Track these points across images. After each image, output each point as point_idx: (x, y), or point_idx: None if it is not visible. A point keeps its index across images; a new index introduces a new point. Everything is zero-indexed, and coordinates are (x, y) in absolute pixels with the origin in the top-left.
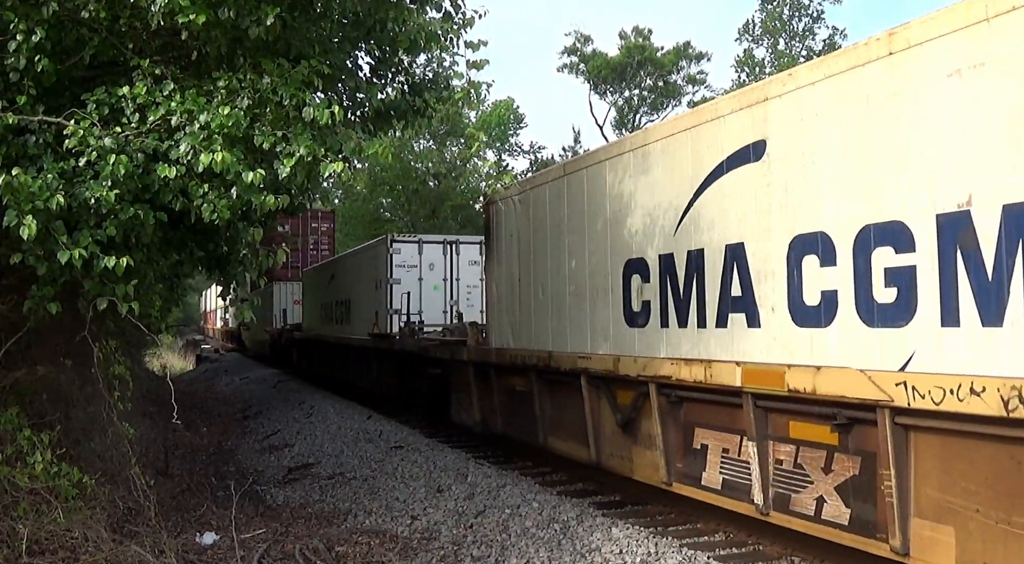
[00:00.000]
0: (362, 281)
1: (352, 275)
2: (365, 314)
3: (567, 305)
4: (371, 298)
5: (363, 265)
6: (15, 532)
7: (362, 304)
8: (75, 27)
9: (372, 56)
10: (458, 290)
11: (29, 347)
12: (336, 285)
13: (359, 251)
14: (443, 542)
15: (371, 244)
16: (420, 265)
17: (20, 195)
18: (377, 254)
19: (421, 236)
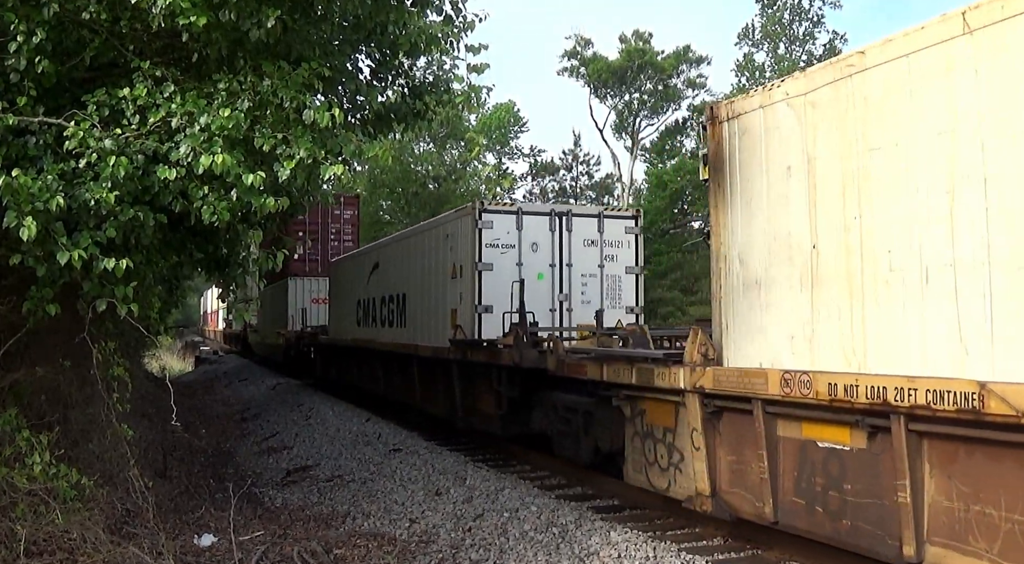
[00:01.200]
0: (428, 269)
1: (410, 262)
2: (432, 313)
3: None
4: (443, 291)
5: (430, 247)
6: (13, 533)
7: (427, 300)
8: (76, 28)
9: (372, 59)
10: (570, 280)
11: (28, 348)
12: (382, 277)
13: (422, 229)
14: (441, 545)
15: (444, 217)
16: (519, 244)
17: (20, 196)
18: (456, 231)
19: (520, 204)
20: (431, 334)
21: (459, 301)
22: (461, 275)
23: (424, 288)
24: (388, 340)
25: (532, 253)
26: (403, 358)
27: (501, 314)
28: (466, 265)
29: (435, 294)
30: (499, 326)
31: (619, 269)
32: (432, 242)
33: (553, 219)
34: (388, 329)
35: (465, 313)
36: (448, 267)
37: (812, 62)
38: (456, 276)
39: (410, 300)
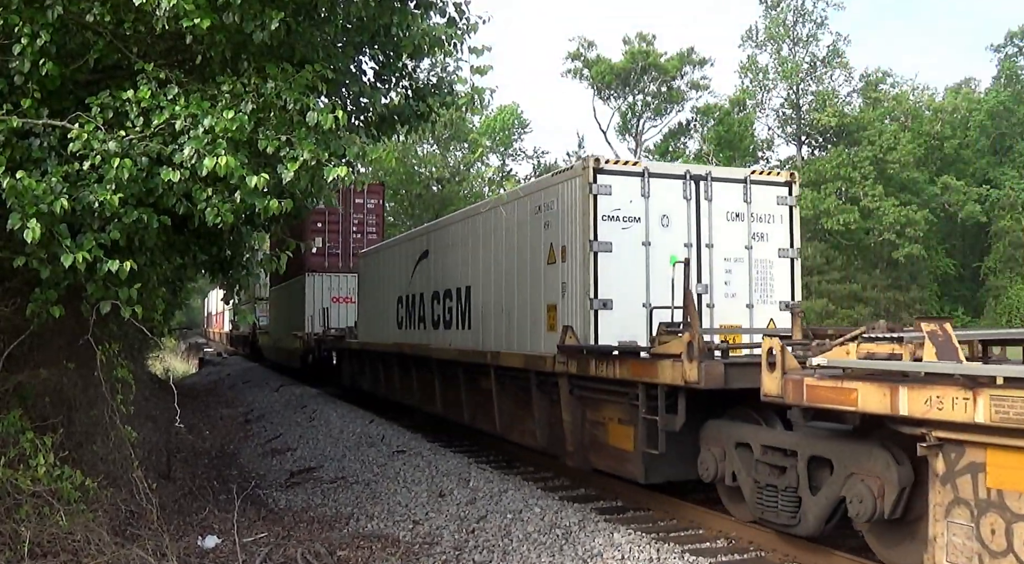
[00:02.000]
0: (508, 254)
1: (477, 247)
2: (518, 311)
3: None
4: (535, 282)
5: (510, 226)
6: (17, 535)
7: (507, 294)
8: (80, 31)
9: (376, 61)
10: (710, 266)
11: (32, 350)
12: (434, 268)
13: (497, 203)
14: (445, 547)
15: (535, 184)
16: (646, 217)
17: (24, 198)
18: (556, 200)
19: (647, 164)
20: (516, 338)
21: (560, 294)
22: (564, 259)
23: (501, 279)
24: (444, 345)
25: (662, 229)
26: (472, 369)
27: (624, 311)
28: (573, 245)
29: (521, 286)
30: (623, 328)
31: (770, 252)
32: (514, 219)
33: (688, 184)
34: (444, 332)
35: (572, 310)
36: (543, 249)
37: (815, 63)
38: (556, 261)
39: (478, 295)
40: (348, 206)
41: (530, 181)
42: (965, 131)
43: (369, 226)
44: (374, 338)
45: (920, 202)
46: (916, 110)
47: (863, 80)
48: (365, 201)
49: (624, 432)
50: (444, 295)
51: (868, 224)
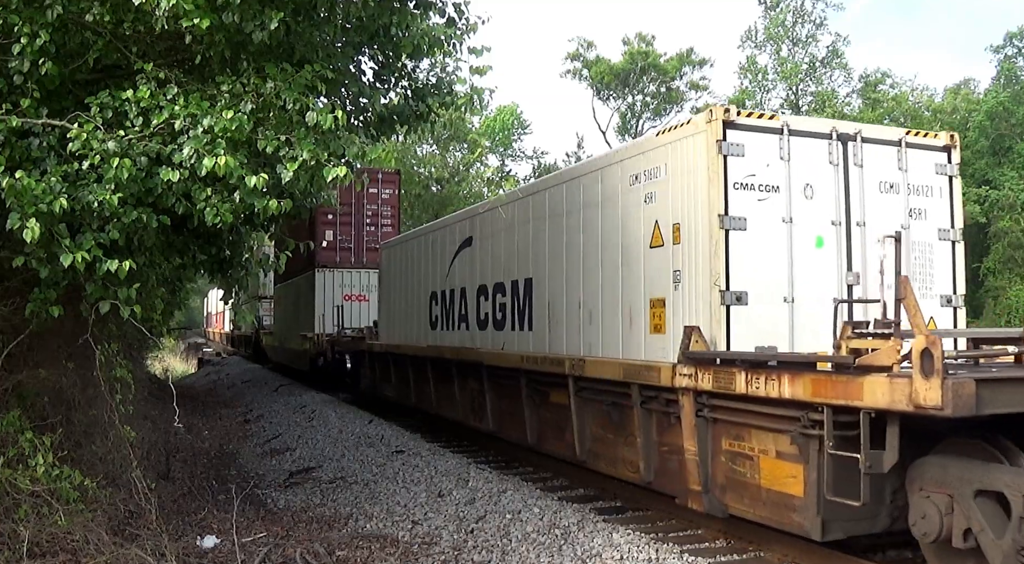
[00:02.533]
0: (589, 236)
1: (542, 229)
2: (604, 307)
3: None
4: (631, 271)
5: (591, 201)
6: (16, 534)
7: (585, 287)
8: (79, 30)
9: (375, 61)
10: (863, 249)
11: (31, 350)
12: (480, 257)
13: (571, 175)
14: (444, 547)
15: (633, 146)
16: (788, 186)
17: (23, 198)
18: (664, 165)
19: (786, 118)
20: (601, 342)
21: (672, 285)
22: (678, 240)
23: (578, 268)
24: (496, 349)
25: (805, 201)
26: (540, 380)
27: (761, 307)
28: (692, 222)
29: (609, 276)
30: (759, 329)
31: (929, 232)
32: (597, 193)
33: (835, 146)
34: (495, 333)
35: (690, 306)
36: (643, 229)
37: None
38: (665, 243)
39: (542, 288)
40: (361, 196)
41: (625, 144)
42: (964, 132)
43: (384, 218)
44: (402, 340)
45: None
46: (915, 111)
47: (862, 81)
48: (380, 191)
49: (787, 471)
50: (494, 290)
51: None
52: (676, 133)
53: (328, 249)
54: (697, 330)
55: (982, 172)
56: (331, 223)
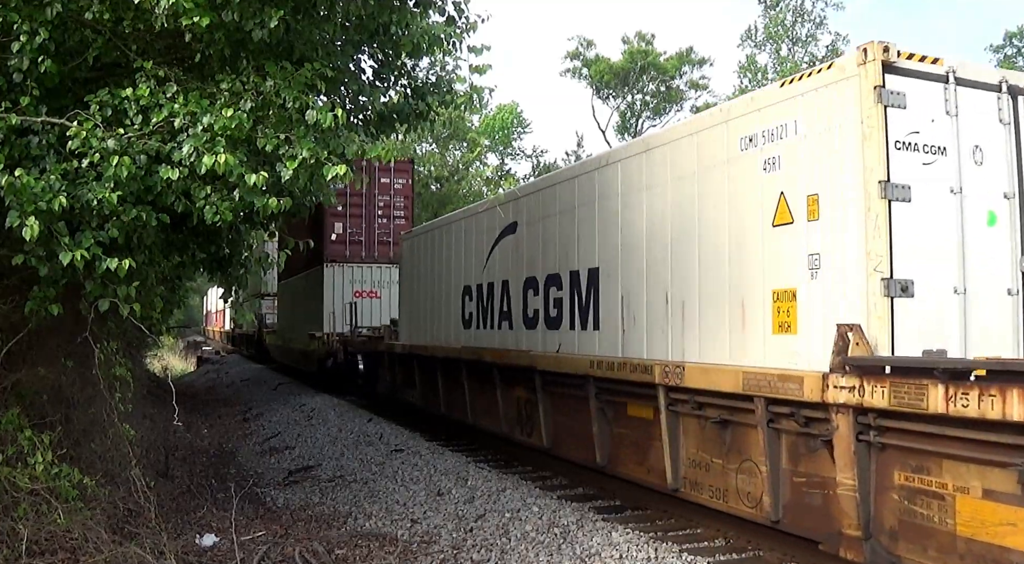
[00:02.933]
0: (677, 215)
1: (607, 210)
2: (700, 300)
3: None
4: (741, 256)
5: (693, 167)
6: (15, 533)
7: (676, 276)
8: (79, 28)
9: (375, 59)
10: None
11: (30, 348)
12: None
13: (655, 144)
14: (443, 546)
15: (749, 102)
16: (956, 146)
17: (23, 196)
18: (791, 120)
19: (951, 61)
20: (699, 343)
21: (808, 273)
22: (816, 215)
23: (664, 255)
24: (552, 352)
25: (975, 168)
26: (613, 390)
27: (930, 299)
28: (836, 192)
29: (709, 263)
30: (926, 327)
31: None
32: (690, 162)
33: (1005, 101)
34: (551, 333)
35: (839, 298)
36: (762, 204)
37: (814, 63)
38: (795, 220)
39: (613, 280)
40: (372, 187)
41: (725, 103)
42: None
43: (397, 209)
44: (428, 339)
45: None
46: None
47: None
48: (392, 180)
49: (1002, 516)
50: (547, 283)
51: None
52: (812, 81)
53: (337, 242)
54: (857, 329)
55: None
56: (340, 215)
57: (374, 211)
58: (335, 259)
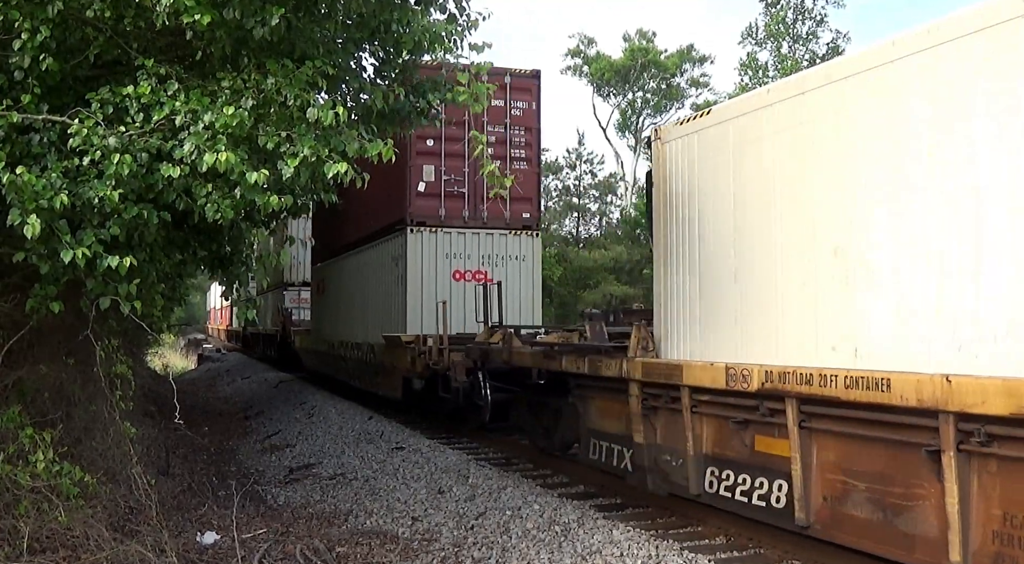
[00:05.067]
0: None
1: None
2: None
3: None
4: None
5: None
6: (16, 530)
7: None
8: (80, 26)
9: (376, 57)
10: None
11: (31, 346)
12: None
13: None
14: (444, 544)
15: None
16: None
17: (24, 194)
18: None
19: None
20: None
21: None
22: None
23: None
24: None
25: None
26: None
27: None
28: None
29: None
30: None
31: None
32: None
33: None
34: None
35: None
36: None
37: (815, 61)
38: None
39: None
40: (480, 116)
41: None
42: None
43: (517, 146)
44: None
45: None
46: None
47: None
48: (509, 104)
49: None
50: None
51: None
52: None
53: (427, 195)
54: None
55: None
56: (432, 154)
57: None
58: (424, 221)
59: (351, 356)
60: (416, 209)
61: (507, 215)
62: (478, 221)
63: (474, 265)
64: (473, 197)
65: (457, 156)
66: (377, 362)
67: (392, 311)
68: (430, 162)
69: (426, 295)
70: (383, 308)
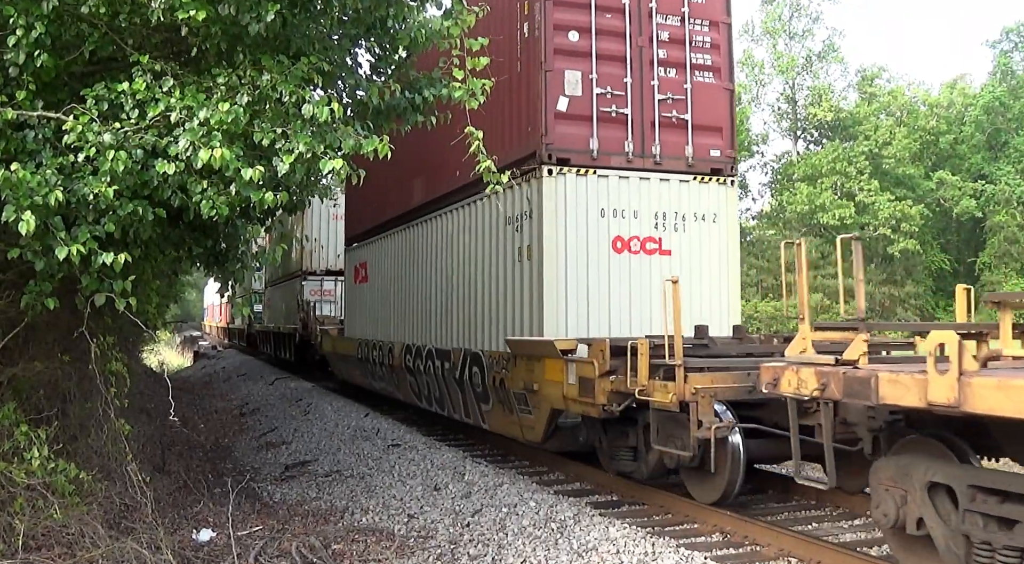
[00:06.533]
0: None
1: None
2: None
3: None
4: None
5: None
6: (12, 528)
7: None
8: (75, 22)
9: (372, 53)
10: None
11: (26, 342)
12: None
13: None
14: (440, 541)
15: None
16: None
17: (19, 190)
18: None
19: None
20: None
21: None
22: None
23: None
24: None
25: None
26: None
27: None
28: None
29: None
30: None
31: None
32: None
33: None
34: None
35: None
36: None
37: (811, 58)
38: None
39: None
40: (647, 5)
41: None
42: (960, 126)
43: (699, 49)
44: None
45: (915, 197)
46: (912, 105)
47: (859, 75)
48: (689, 24)
49: None
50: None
51: (863, 219)
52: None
53: (571, 118)
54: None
55: (978, 167)
56: (577, 55)
57: (652, 53)
58: (567, 157)
59: (427, 369)
60: (556, 138)
61: (689, 152)
62: (648, 159)
63: (645, 229)
64: (639, 122)
65: (614, 58)
66: (487, 382)
67: (511, 303)
68: (575, 65)
69: (572, 277)
70: (490, 300)
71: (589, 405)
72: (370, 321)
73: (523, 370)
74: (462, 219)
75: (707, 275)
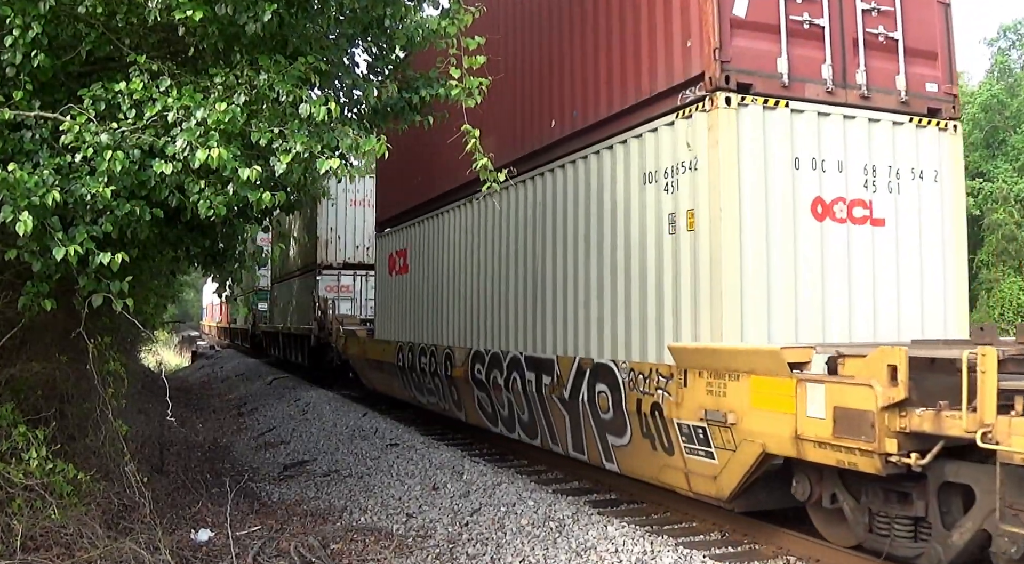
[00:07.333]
0: None
1: None
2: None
3: None
4: None
5: None
6: (10, 528)
7: None
8: (72, 22)
9: (369, 53)
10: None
11: (24, 343)
12: None
13: None
14: (438, 540)
15: None
16: None
17: (16, 191)
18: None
19: None
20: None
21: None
22: None
23: None
24: None
25: None
26: None
27: None
28: None
29: None
30: None
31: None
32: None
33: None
34: None
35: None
36: None
37: None
38: None
39: None
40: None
41: None
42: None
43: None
44: None
45: None
46: None
47: None
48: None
49: None
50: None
51: None
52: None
53: (753, 29)
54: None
55: (976, 165)
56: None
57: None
58: (749, 83)
59: (508, 384)
60: (735, 54)
61: (902, 84)
62: (852, 91)
63: (853, 188)
64: (839, 38)
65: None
66: (624, 407)
67: (656, 294)
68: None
69: (752, 255)
70: (621, 291)
71: (856, 453)
72: (414, 320)
73: (701, 392)
74: (565, 181)
75: (928, 255)
